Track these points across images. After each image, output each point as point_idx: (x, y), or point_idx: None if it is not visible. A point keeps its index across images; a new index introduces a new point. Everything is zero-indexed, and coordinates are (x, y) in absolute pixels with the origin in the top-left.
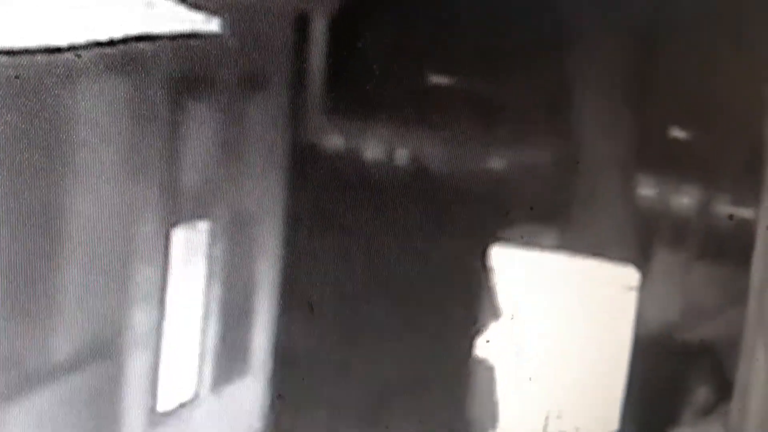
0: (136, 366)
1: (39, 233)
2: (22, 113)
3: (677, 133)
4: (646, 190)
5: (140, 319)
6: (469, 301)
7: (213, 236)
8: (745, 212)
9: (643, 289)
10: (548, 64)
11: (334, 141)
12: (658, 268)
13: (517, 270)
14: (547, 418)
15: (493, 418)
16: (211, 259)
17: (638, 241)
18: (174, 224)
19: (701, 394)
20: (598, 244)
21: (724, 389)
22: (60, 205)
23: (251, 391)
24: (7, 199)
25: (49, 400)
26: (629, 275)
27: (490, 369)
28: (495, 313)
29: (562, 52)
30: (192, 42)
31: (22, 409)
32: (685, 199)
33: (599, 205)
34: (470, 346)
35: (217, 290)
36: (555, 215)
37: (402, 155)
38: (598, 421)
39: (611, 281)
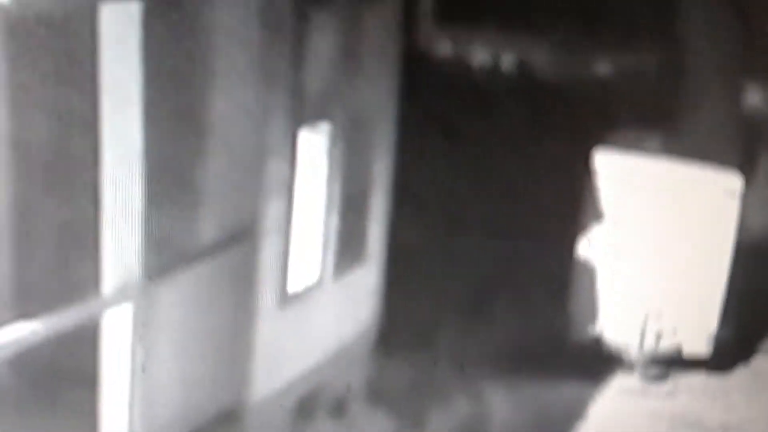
0: (269, 251)
1: (185, 131)
2: (168, 23)
3: None
4: (752, 96)
5: (272, 209)
6: (571, 203)
7: (333, 137)
8: None
9: (746, 194)
10: None
11: (443, 47)
12: (761, 174)
13: (621, 174)
14: (646, 317)
15: (593, 316)
16: (331, 157)
17: (742, 147)
18: (300, 125)
19: None
20: (702, 150)
21: None
22: (202, 105)
23: (367, 279)
24: (157, 101)
25: (195, 279)
26: (732, 181)
27: (591, 269)
28: (597, 216)
29: None
30: None
31: (172, 286)
32: None
33: (704, 110)
34: (572, 246)
35: (337, 186)
36: (660, 120)
37: (508, 60)
38: (697, 322)
39: (714, 186)
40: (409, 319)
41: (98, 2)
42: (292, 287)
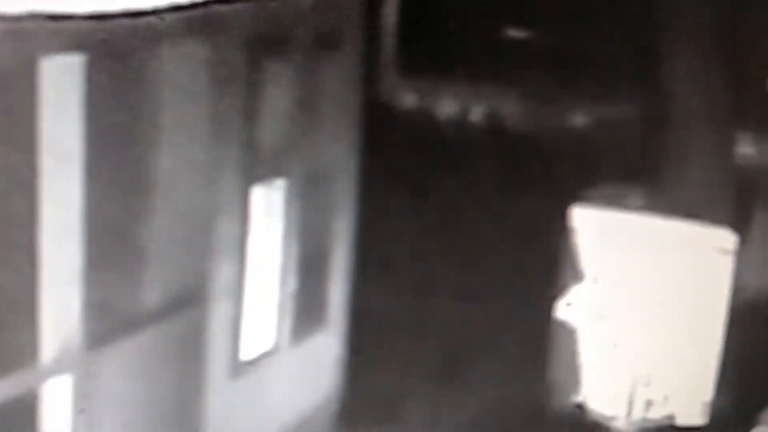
0: (220, 316)
1: (128, 189)
2: (110, 75)
3: None
4: (744, 146)
5: (223, 270)
6: (548, 263)
7: (290, 193)
8: None
9: (741, 252)
10: (636, 13)
11: (407, 99)
12: (757, 230)
13: (601, 231)
14: (634, 383)
15: (576, 384)
16: (288, 215)
17: (735, 201)
18: (253, 181)
19: None
20: (691, 205)
21: None
22: (147, 162)
23: (328, 345)
24: (99, 157)
25: (139, 347)
26: (725, 238)
27: (571, 333)
28: (576, 276)
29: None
30: (269, 3)
31: (114, 355)
32: None
33: (692, 163)
34: (550, 308)
35: (294, 246)
36: (643, 174)
37: (477, 112)
38: (690, 389)
39: (705, 244)
40: (374, 389)
41: (38, 55)
42: (245, 355)
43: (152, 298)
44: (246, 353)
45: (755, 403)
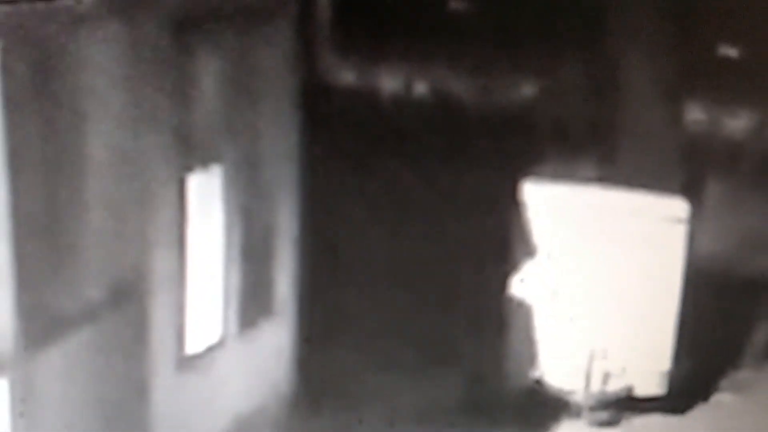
0: (161, 310)
1: (56, 181)
2: (27, 62)
3: (728, 50)
4: (695, 113)
5: (162, 262)
6: (500, 240)
7: (228, 179)
8: None
9: (694, 220)
10: None
11: (348, 75)
12: (709, 197)
13: (553, 205)
14: (591, 356)
15: (532, 359)
16: (227, 202)
17: (686, 169)
18: (188, 168)
19: (763, 332)
20: (641, 175)
21: None
22: (74, 152)
23: (278, 334)
24: (22, 150)
25: (78, 345)
26: (677, 206)
27: (526, 309)
28: (529, 252)
29: None
30: None
31: (53, 354)
32: (738, 122)
33: (641, 132)
34: (504, 286)
35: (236, 233)
36: (593, 145)
37: (421, 88)
38: (648, 360)
39: (657, 214)
40: (327, 376)
41: None
42: (191, 348)
43: (89, 294)
44: (192, 346)
45: (714, 371)
